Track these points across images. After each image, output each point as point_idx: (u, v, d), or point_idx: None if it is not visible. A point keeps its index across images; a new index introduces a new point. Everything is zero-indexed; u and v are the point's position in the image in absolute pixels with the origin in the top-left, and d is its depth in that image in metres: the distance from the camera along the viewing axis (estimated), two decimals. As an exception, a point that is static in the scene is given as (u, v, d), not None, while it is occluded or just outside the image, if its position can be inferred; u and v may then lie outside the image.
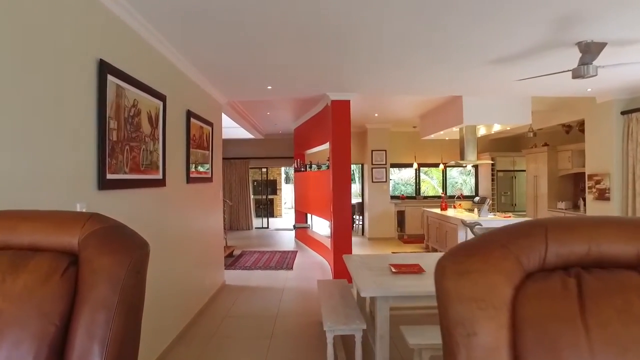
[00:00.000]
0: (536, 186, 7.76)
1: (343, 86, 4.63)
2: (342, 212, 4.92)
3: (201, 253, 4.12)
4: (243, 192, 10.82)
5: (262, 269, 5.96)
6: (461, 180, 16.34)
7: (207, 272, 4.34)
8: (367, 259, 3.48)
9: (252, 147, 10.81)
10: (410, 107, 6.83)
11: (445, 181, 10.18)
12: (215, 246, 4.72)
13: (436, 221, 6.95)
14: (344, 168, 4.94)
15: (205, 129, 4.23)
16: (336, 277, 4.93)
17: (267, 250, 7.51)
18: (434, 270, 0.76)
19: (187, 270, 3.66)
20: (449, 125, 6.11)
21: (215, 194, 4.74)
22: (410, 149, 9.42)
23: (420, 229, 8.88)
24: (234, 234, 9.99)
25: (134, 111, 2.52)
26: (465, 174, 16.46)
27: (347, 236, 4.92)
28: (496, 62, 3.60)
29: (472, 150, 6.58)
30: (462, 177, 16.53)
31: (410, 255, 3.79)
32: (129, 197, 2.48)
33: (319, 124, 6.69)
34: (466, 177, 17.15)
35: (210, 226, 4.49)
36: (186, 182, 3.63)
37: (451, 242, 6.20)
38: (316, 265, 6.26)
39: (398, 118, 7.92)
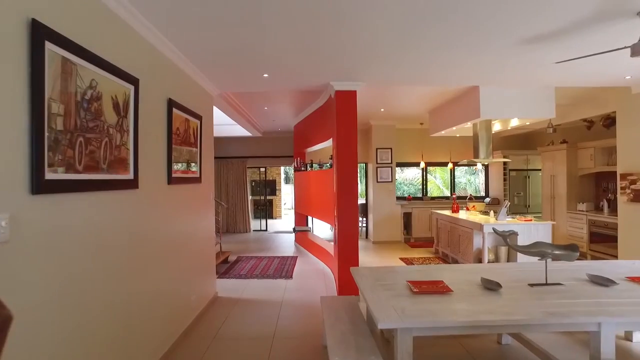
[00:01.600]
0: (553, 186, 7.24)
1: (349, 74, 4.11)
2: (348, 216, 4.41)
3: (188, 263, 3.60)
4: (240, 193, 10.30)
5: (258, 278, 5.45)
6: (465, 180, 15.83)
7: (195, 284, 3.82)
8: (379, 273, 2.96)
9: (249, 146, 10.30)
10: (419, 102, 6.31)
11: (453, 181, 9.66)
12: (205, 254, 4.20)
13: (447, 224, 6.43)
14: (350, 167, 4.42)
15: (192, 122, 3.71)
16: (341, 289, 4.41)
17: (265, 256, 6.99)
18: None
19: (169, 284, 3.14)
20: (463, 120, 5.59)
21: (206, 196, 4.23)
22: (417, 147, 8.91)
23: (428, 232, 8.38)
24: (230, 237, 9.48)
25: (92, 94, 2.00)
26: (470, 173, 15.99)
27: (354, 244, 4.40)
28: (528, 41, 3.08)
29: (486, 148, 6.06)
30: (466, 176, 16.03)
31: (428, 268, 3.26)
32: (83, 202, 1.96)
33: (321, 119, 6.17)
34: (470, 177, 16.69)
35: (199, 232, 3.98)
36: (167, 183, 3.11)
37: (465, 248, 5.68)
38: (318, 273, 5.74)
39: (405, 114, 7.41)
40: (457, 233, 6.00)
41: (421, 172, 9.38)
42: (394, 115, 7.46)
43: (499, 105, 5.01)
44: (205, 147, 4.20)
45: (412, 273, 2.97)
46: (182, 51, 3.23)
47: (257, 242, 8.75)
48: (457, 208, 6.64)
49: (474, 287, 2.55)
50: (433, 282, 2.61)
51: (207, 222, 4.29)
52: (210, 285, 4.40)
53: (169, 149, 3.12)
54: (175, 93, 3.27)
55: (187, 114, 3.56)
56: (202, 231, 4.10)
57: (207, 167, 4.30)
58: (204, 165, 4.09)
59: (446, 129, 6.35)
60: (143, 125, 2.63)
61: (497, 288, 2.46)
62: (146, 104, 2.69)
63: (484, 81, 4.66)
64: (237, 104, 6.13)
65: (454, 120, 5.95)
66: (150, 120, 2.78)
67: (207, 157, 4.27)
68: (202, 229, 4.07)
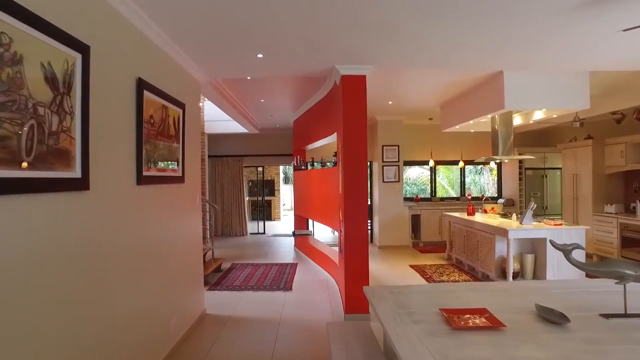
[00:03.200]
0: (576, 186, 6.64)
1: (357, 55, 3.51)
2: (357, 221, 3.80)
3: (167, 278, 3.00)
4: (236, 193, 9.70)
5: (254, 290, 4.84)
6: (470, 180, 15.20)
7: (177, 302, 3.21)
8: (400, 296, 2.36)
9: (245, 144, 9.71)
10: (430, 94, 5.71)
11: (463, 181, 9.06)
12: (190, 265, 3.60)
13: (462, 229, 5.83)
14: (359, 164, 3.82)
15: (171, 110, 3.11)
16: (349, 305, 3.81)
17: (262, 263, 6.38)
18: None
19: (141, 306, 2.54)
20: (482, 112, 4.99)
21: (190, 198, 3.62)
22: (426, 144, 8.31)
23: (437, 235, 7.79)
24: (225, 241, 8.87)
25: (2, 54, 1.40)
26: (474, 172, 15.34)
27: (363, 254, 3.79)
28: (585, 5, 2.48)
29: (507, 144, 5.46)
30: (470, 176, 15.39)
31: (458, 288, 2.66)
32: (-11, 210, 1.35)
33: (323, 112, 5.57)
34: (475, 176, 16.05)
35: (182, 240, 3.38)
36: (137, 183, 2.50)
37: (485, 256, 5.08)
38: (321, 285, 5.14)
39: (414, 108, 6.81)
40: (474, 238, 5.40)
41: (430, 171, 8.77)
42: (402, 109, 6.85)
43: (527, 94, 4.41)
44: (191, 141, 3.60)
45: (441, 295, 2.37)
46: (152, 19, 2.63)
47: (254, 247, 8.14)
48: (473, 210, 6.04)
49: (529, 318, 1.95)
50: (474, 311, 2.01)
51: (192, 228, 3.68)
52: (197, 301, 3.80)
53: (138, 140, 2.52)
54: (148, 72, 2.67)
55: (165, 99, 2.96)
56: (187, 239, 3.50)
57: (193, 164, 3.70)
58: (188, 162, 3.49)
59: (461, 124, 5.76)
60: (98, 108, 2.02)
61: (563, 321, 1.86)
62: (103, 81, 2.09)
63: (512, 64, 4.06)
64: (230, 95, 5.53)
65: (471, 113, 5.34)
66: (109, 103, 2.18)
67: (192, 152, 3.67)
68: (186, 236, 3.47)
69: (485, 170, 13.75)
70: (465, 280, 5.16)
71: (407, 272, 5.70)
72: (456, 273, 5.53)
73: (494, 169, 8.92)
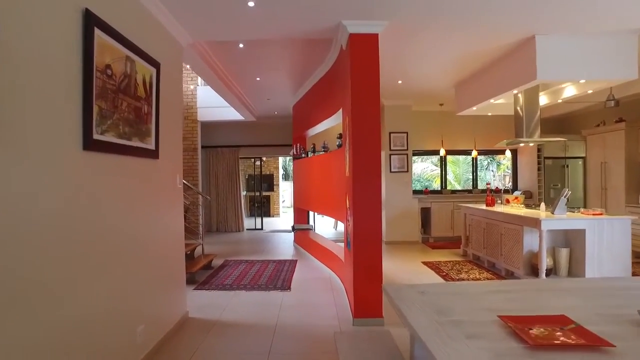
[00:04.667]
0: (604, 176, 6.03)
1: (369, 6, 2.90)
2: (368, 208, 3.17)
3: (133, 275, 2.39)
4: (232, 187, 9.08)
5: (247, 289, 4.23)
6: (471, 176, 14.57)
7: (148, 305, 2.60)
8: (437, 298, 1.74)
9: (242, 133, 9.09)
10: (445, 71, 5.10)
11: (475, 171, 8.45)
12: (168, 260, 2.98)
13: (482, 221, 5.22)
14: (372, 142, 3.19)
15: (141, 67, 2.49)
16: (359, 308, 3.18)
17: (258, 260, 5.77)
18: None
19: (90, 309, 1.93)
20: (508, 86, 4.37)
21: (167, 179, 3.01)
22: (436, 132, 7.69)
23: (449, 230, 7.19)
24: (220, 237, 8.26)
25: None
26: (479, 168, 14.69)
27: (375, 247, 3.17)
28: None
29: (531, 125, 4.85)
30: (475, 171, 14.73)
31: (513, 288, 2.03)
32: None
33: (327, 89, 4.96)
34: (480, 173, 15.39)
35: (157, 229, 2.76)
36: (83, 148, 1.89)
37: (510, 250, 4.46)
38: (324, 283, 4.53)
39: (424, 89, 6.18)
40: (497, 231, 4.78)
41: (440, 161, 8.15)
42: (412, 90, 6.23)
43: (562, 62, 3.79)
44: (169, 111, 2.99)
45: (489, 296, 1.76)
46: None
47: (250, 243, 7.53)
48: (492, 201, 5.43)
49: (636, 332, 1.34)
50: (551, 320, 1.40)
51: (171, 215, 3.07)
52: (177, 303, 3.18)
53: (86, 93, 1.90)
54: (102, 8, 2.05)
55: (130, 50, 2.34)
56: (163, 228, 2.88)
57: (172, 139, 3.08)
58: (164, 134, 2.87)
59: (480, 104, 5.13)
60: (22, 42, 1.41)
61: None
62: (29, 8, 1.48)
63: (548, 26, 3.47)
64: (220, 69, 4.90)
65: (493, 89, 4.72)
66: (40, 37, 1.57)
67: (171, 125, 3.05)
68: (162, 224, 2.86)
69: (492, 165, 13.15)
70: (488, 278, 4.54)
71: (420, 269, 5.08)
72: (475, 270, 4.91)
73: (505, 159, 8.29)
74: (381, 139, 7.01)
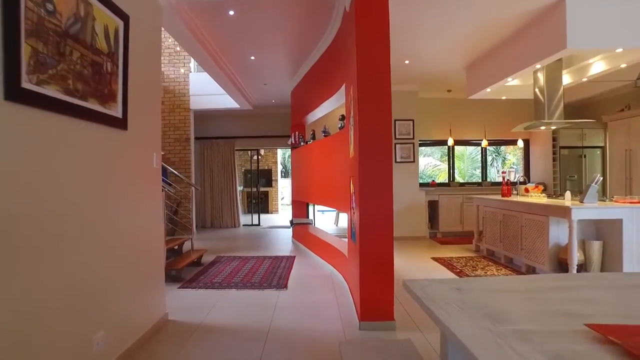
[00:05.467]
0: (629, 165, 5.56)
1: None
2: (378, 192, 2.70)
3: (89, 269, 1.92)
4: (227, 180, 8.61)
5: (238, 287, 3.76)
6: (475, 172, 14.08)
7: (111, 307, 2.14)
8: (474, 293, 1.27)
9: (238, 124, 8.63)
10: (456, 50, 4.65)
11: (485, 162, 7.98)
12: (141, 252, 2.52)
13: (498, 212, 4.75)
14: (382, 118, 2.71)
15: (101, 14, 2.02)
16: (366, 311, 2.70)
17: (253, 256, 5.30)
18: None
19: (32, 311, 1.46)
20: (532, 60, 3.90)
21: (139, 156, 2.53)
22: (444, 121, 7.22)
23: (458, 224, 6.73)
24: (214, 232, 7.80)
25: None
26: (490, 154, 14.17)
27: (386, 237, 2.69)
28: None
29: (553, 105, 4.39)
30: (478, 158, 14.21)
31: (565, 281, 1.56)
32: None
33: (328, 67, 4.49)
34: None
35: (125, 214, 2.30)
36: (4, 98, 1.42)
37: (533, 244, 3.99)
38: (325, 281, 4.06)
39: (433, 72, 5.72)
40: (516, 223, 4.31)
41: (448, 151, 7.68)
42: (420, 73, 5.75)
43: (597, 28, 3.33)
44: (141, 75, 2.52)
45: (556, 295, 1.29)
46: None
47: (246, 239, 7.06)
48: (509, 191, 4.97)
49: None
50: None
51: (146, 201, 2.60)
52: (154, 303, 2.71)
53: (6, 22, 1.43)
54: None
55: (82, -12, 1.87)
56: (134, 214, 2.41)
57: (145, 109, 2.61)
58: (135, 102, 2.40)
59: (497, 83, 4.66)
60: None
61: None
62: None
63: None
64: (209, 42, 4.42)
65: (512, 65, 4.25)
66: None
67: (144, 92, 2.58)
68: (132, 210, 2.39)
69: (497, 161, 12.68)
70: (507, 275, 4.07)
71: (431, 265, 4.62)
72: (492, 266, 4.45)
73: (508, 154, 7.82)
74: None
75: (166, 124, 7.38)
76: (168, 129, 7.39)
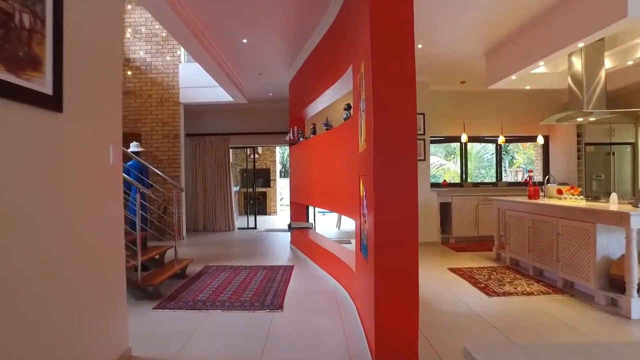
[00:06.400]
0: (668, 162, 4.96)
1: None
2: (399, 194, 2.05)
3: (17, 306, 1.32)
4: (222, 180, 8.00)
5: (225, 308, 3.15)
6: (479, 172, 13.50)
7: (46, 347, 1.53)
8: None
9: (233, 119, 8.03)
10: (474, 33, 4.06)
11: (499, 160, 7.37)
12: (92, 276, 1.91)
13: (525, 217, 4.14)
14: (404, 96, 2.06)
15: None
16: (382, 348, 2.07)
17: (246, 266, 4.69)
18: None
19: None
20: (573, 37, 3.29)
21: (84, 149, 1.92)
22: (456, 116, 6.61)
23: (473, 229, 6.13)
24: (207, 237, 7.20)
25: None
26: (491, 153, 13.63)
27: (410, 252, 2.06)
28: None
29: (591, 91, 3.78)
30: (486, 155, 13.65)
31: None
32: None
33: (333, 45, 3.89)
34: (491, 157, 14.32)
35: (67, 234, 1.70)
36: None
37: (573, 256, 3.38)
38: (327, 299, 3.46)
39: (447, 60, 5.12)
40: (551, 230, 3.70)
41: (460, 148, 7.07)
42: (432, 60, 5.15)
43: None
44: (88, 42, 1.91)
45: None
46: None
47: (240, 244, 6.46)
48: (536, 192, 4.36)
49: None
50: None
51: (97, 209, 1.99)
52: (110, 336, 2.10)
53: None
54: None
55: None
56: (82, 229, 1.81)
57: (96, 86, 2.00)
58: (76, 74, 1.80)
59: (526, 68, 4.06)
60: None
61: None
62: None
63: None
64: (191, 17, 3.81)
65: (548, 45, 3.64)
66: None
67: (93, 64, 1.97)
68: (79, 223, 1.79)
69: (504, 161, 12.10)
70: (543, 292, 3.46)
71: (448, 278, 4.02)
72: (521, 280, 3.84)
73: (516, 154, 7.21)
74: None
75: (154, 119, 6.79)
76: (156, 124, 6.80)
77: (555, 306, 3.10)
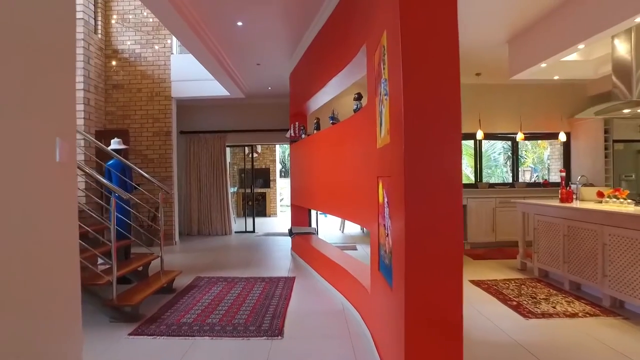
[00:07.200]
0: None
1: None
2: (438, 199, 1.54)
3: None
4: (217, 181, 7.50)
5: (214, 334, 2.65)
6: (486, 171, 13.02)
7: None
8: None
9: (229, 116, 7.53)
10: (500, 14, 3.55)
11: (516, 159, 6.87)
12: (29, 303, 1.41)
13: (560, 224, 3.64)
14: (445, 70, 1.57)
15: None
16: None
17: (242, 277, 4.19)
18: None
19: None
20: (625, 13, 2.78)
21: (14, 143, 1.42)
22: (470, 111, 6.09)
23: (490, 234, 5.64)
24: (201, 241, 6.70)
25: None
26: (504, 152, 13.15)
27: (454, 277, 1.57)
28: None
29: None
30: (494, 154, 13.15)
31: None
32: None
33: (341, 24, 3.39)
34: (498, 156, 13.86)
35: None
36: None
37: (625, 269, 2.87)
38: (334, 321, 2.96)
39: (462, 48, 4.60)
40: (593, 239, 3.19)
41: (475, 146, 6.56)
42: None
43: None
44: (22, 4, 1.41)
45: None
46: None
47: (237, 251, 5.96)
48: (570, 195, 3.86)
49: None
50: None
51: (37, 219, 1.49)
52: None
53: None
54: None
55: None
56: (16, 244, 1.30)
57: (32, 60, 1.50)
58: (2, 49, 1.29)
59: (561, 52, 3.55)
60: None
61: None
62: None
63: None
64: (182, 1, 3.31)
65: (590, 25, 3.13)
66: None
67: (26, 29, 1.47)
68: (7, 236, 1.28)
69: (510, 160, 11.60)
70: (589, 313, 2.96)
71: (473, 292, 3.51)
72: (559, 297, 3.33)
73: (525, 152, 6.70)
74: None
75: (143, 115, 6.28)
76: (146, 121, 6.29)
77: (607, 332, 2.60)
